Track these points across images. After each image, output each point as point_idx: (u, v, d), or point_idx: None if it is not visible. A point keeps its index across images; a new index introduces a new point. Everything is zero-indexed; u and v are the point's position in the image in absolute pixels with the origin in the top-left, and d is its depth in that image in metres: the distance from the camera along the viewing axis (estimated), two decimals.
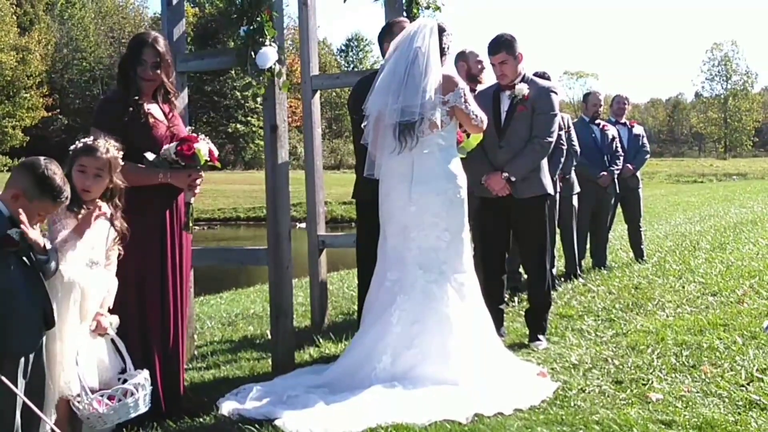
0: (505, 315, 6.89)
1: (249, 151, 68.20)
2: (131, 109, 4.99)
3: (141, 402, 4.38)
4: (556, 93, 6.68)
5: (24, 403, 3.83)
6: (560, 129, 9.34)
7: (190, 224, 5.23)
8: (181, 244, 5.18)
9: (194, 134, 5.12)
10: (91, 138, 4.49)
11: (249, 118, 67.04)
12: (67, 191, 3.97)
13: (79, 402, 4.22)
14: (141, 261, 4.88)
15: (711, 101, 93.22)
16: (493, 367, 5.26)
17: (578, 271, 9.60)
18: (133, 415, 4.38)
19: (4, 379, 3.72)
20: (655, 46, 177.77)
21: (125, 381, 4.46)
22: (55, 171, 3.93)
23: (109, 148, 4.41)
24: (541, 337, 6.47)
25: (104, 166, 4.37)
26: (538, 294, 6.67)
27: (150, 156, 4.94)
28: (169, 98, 5.24)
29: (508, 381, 5.16)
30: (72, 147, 4.44)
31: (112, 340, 4.51)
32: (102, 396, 4.27)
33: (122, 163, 4.51)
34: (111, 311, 4.56)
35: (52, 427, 4.02)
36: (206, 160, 5.03)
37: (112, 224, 4.47)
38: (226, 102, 67.11)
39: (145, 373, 4.50)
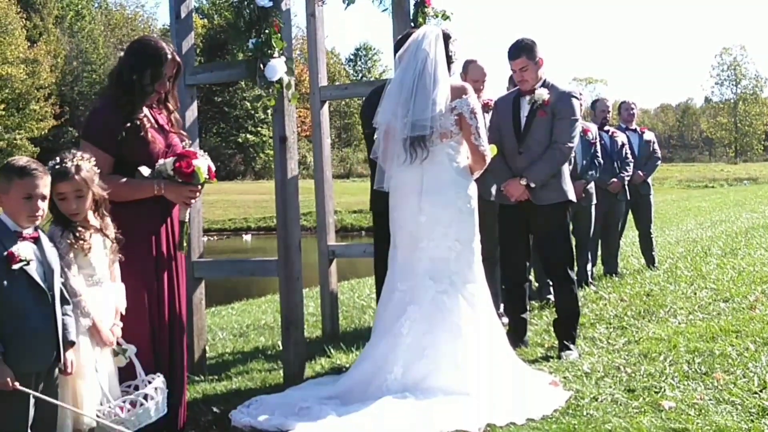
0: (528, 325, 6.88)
1: (259, 161, 68.36)
2: (129, 122, 4.77)
3: (161, 405, 4.37)
4: (577, 98, 6.58)
5: (35, 419, 3.83)
6: (593, 140, 9.39)
7: (184, 243, 5.04)
8: (176, 261, 5.00)
9: (192, 150, 4.93)
10: (57, 158, 4.29)
11: (259, 128, 67.20)
12: (35, 165, 3.88)
13: (99, 410, 4.21)
14: (136, 281, 4.67)
15: (721, 106, 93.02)
16: (504, 377, 5.23)
17: (589, 279, 9.58)
18: (153, 419, 4.33)
19: (19, 386, 3.72)
20: (663, 52, 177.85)
21: (137, 387, 4.44)
22: (16, 158, 3.91)
23: (79, 164, 4.26)
24: (571, 346, 6.35)
25: (81, 186, 4.22)
26: (565, 302, 6.55)
27: (145, 171, 4.74)
28: (167, 105, 5.04)
29: (520, 391, 5.13)
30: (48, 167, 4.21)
31: (124, 350, 4.48)
32: (124, 402, 4.25)
33: (98, 171, 4.33)
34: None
35: None
36: (206, 179, 4.83)
37: (105, 235, 4.35)
38: (236, 112, 67.28)
39: (161, 377, 4.47)
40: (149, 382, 4.44)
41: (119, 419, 4.18)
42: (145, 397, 4.30)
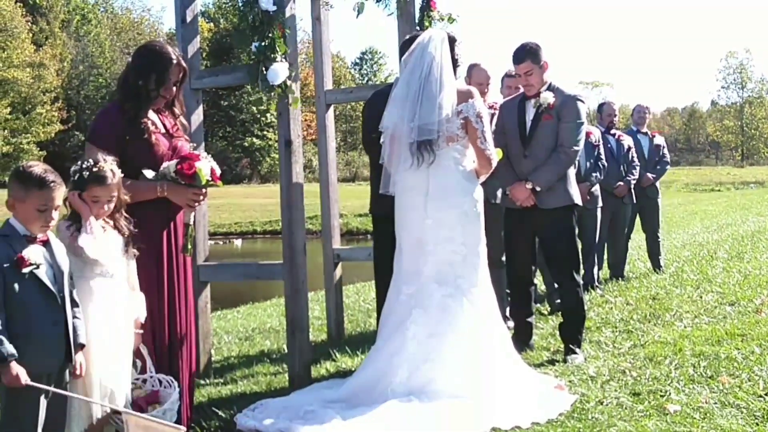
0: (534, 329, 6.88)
1: (265, 165, 68.39)
2: (134, 125, 4.79)
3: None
4: (582, 101, 6.57)
5: (46, 420, 3.85)
6: (596, 143, 9.38)
7: (189, 246, 4.99)
8: (181, 265, 4.99)
9: (196, 152, 4.92)
10: (92, 161, 4.29)
11: (265, 132, 67.25)
12: (52, 176, 3.87)
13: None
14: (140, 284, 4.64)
15: (727, 109, 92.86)
16: (509, 381, 5.23)
17: (595, 282, 9.56)
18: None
19: (32, 383, 3.74)
20: (670, 56, 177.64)
21: (145, 381, 4.49)
22: (32, 164, 3.91)
23: (113, 169, 4.29)
24: (577, 350, 6.34)
25: (114, 191, 4.29)
26: (570, 306, 6.54)
27: (149, 174, 4.75)
28: (173, 110, 5.06)
29: (525, 394, 5.13)
30: (75, 169, 4.27)
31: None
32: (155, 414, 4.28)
33: (122, 176, 4.36)
34: None
35: None
36: (207, 180, 4.81)
37: (118, 229, 4.36)
38: (242, 116, 67.36)
39: (176, 389, 4.49)
40: (159, 380, 4.51)
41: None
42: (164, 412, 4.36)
